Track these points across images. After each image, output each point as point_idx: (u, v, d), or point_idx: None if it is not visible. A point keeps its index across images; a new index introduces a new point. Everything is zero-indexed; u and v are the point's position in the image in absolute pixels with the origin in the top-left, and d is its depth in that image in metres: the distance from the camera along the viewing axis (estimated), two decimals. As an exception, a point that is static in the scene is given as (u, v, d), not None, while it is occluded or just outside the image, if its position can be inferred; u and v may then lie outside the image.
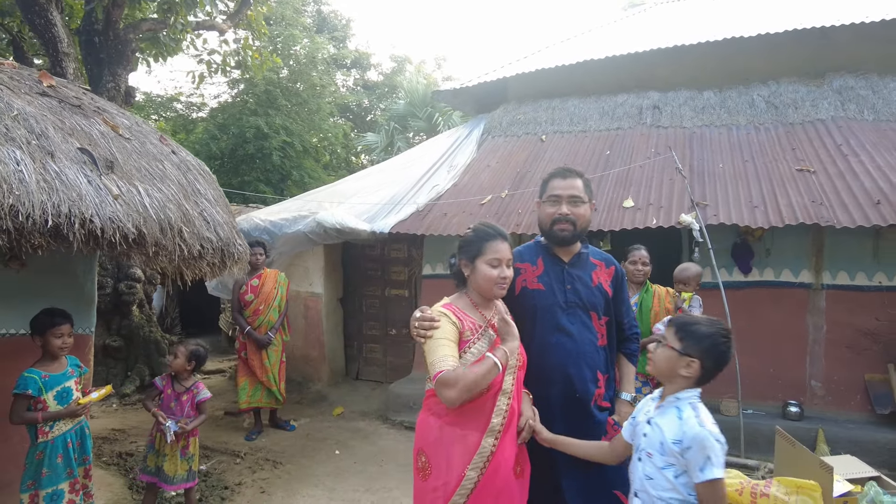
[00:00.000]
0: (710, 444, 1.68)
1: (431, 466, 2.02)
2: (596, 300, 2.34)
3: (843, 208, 4.60)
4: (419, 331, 2.04)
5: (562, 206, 2.31)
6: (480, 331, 2.09)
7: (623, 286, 2.50)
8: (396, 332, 6.97)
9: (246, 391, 5.45)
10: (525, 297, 2.35)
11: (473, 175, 6.53)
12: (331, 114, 17.87)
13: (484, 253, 2.09)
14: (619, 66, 7.33)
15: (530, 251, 2.48)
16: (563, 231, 2.31)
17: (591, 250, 2.47)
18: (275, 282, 5.55)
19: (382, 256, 7.02)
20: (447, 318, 2.03)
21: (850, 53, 6.70)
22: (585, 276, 2.37)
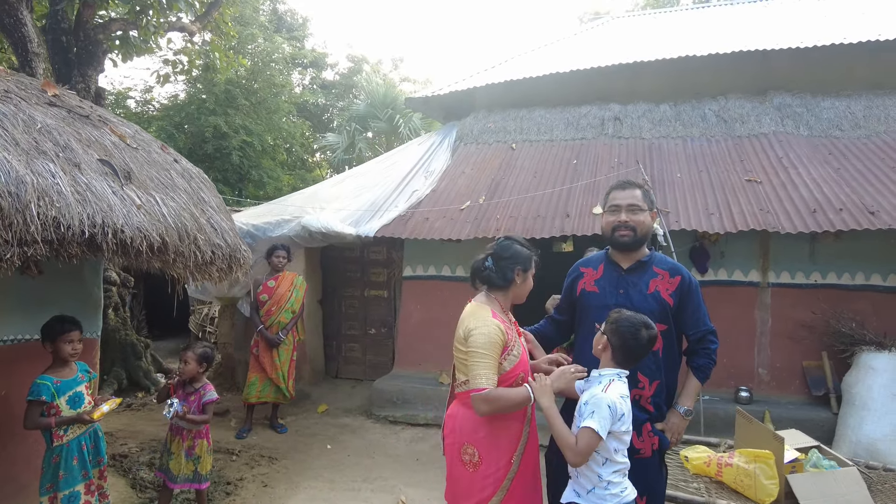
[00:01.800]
0: (601, 405, 2.04)
1: (482, 457, 2.25)
2: (649, 307, 2.42)
3: (787, 216, 5.20)
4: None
5: (621, 214, 2.51)
6: (513, 333, 2.32)
7: (691, 297, 2.51)
8: (375, 332, 7.24)
9: (255, 386, 5.62)
10: (582, 298, 2.63)
11: (450, 181, 6.87)
12: (289, 112, 17.81)
13: (534, 267, 2.39)
14: (582, 79, 7.80)
15: (596, 258, 2.71)
16: (624, 237, 2.50)
17: (656, 259, 2.58)
18: (291, 284, 5.74)
19: (362, 258, 7.27)
20: (499, 332, 2.19)
21: (788, 74, 7.39)
22: (642, 283, 2.50)
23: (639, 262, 2.55)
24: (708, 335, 2.53)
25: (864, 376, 4.89)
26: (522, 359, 2.32)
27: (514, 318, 2.47)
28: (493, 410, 2.17)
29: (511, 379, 2.24)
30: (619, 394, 2.10)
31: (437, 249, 6.35)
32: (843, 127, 6.79)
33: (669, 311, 2.47)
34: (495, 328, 2.19)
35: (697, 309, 2.54)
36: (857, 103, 6.99)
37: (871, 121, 6.80)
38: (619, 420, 2.07)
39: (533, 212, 5.89)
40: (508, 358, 2.23)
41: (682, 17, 10.31)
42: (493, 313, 2.26)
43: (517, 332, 2.41)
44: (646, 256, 2.58)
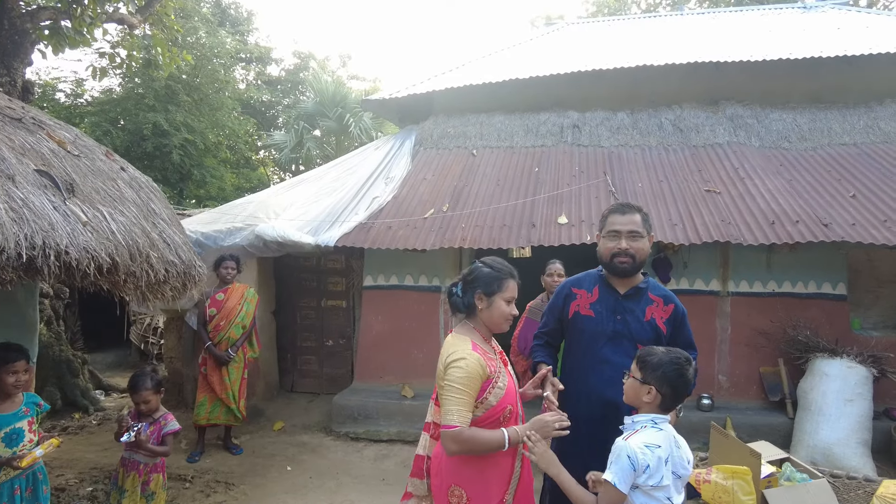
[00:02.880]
0: (622, 455, 1.90)
1: (470, 497, 2.13)
2: (645, 334, 2.45)
3: (747, 227, 5.32)
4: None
5: (621, 241, 2.47)
6: (498, 364, 2.21)
7: (683, 326, 2.55)
8: (333, 343, 6.98)
9: (205, 407, 5.28)
10: (576, 321, 2.55)
11: (412, 188, 6.69)
12: (232, 109, 17.14)
13: (503, 290, 2.20)
14: (541, 86, 7.77)
15: (589, 279, 2.65)
16: (623, 264, 2.47)
17: (651, 286, 2.57)
18: (241, 297, 5.40)
19: (319, 267, 6.99)
20: (479, 365, 2.09)
21: (738, 85, 7.61)
22: (638, 310, 2.48)
23: (636, 287, 2.54)
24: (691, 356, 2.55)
25: (818, 382, 5.05)
26: (509, 390, 2.20)
27: (499, 347, 2.37)
28: (462, 451, 2.08)
29: (498, 413, 2.13)
30: (644, 442, 1.91)
31: (398, 258, 6.17)
32: (790, 139, 7.04)
33: (663, 339, 2.47)
34: (475, 362, 2.09)
35: (688, 336, 2.60)
36: (802, 116, 7.27)
37: (816, 133, 7.08)
38: (645, 473, 1.87)
39: (499, 221, 5.80)
40: (493, 391, 2.13)
41: (635, 25, 10.49)
42: (473, 345, 2.16)
43: (503, 361, 2.31)
44: (642, 282, 2.57)
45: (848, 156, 6.58)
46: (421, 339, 6.14)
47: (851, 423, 4.82)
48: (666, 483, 1.90)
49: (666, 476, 1.90)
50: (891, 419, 5.25)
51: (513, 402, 2.20)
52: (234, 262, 5.40)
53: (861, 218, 5.26)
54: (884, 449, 5.06)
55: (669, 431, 2.00)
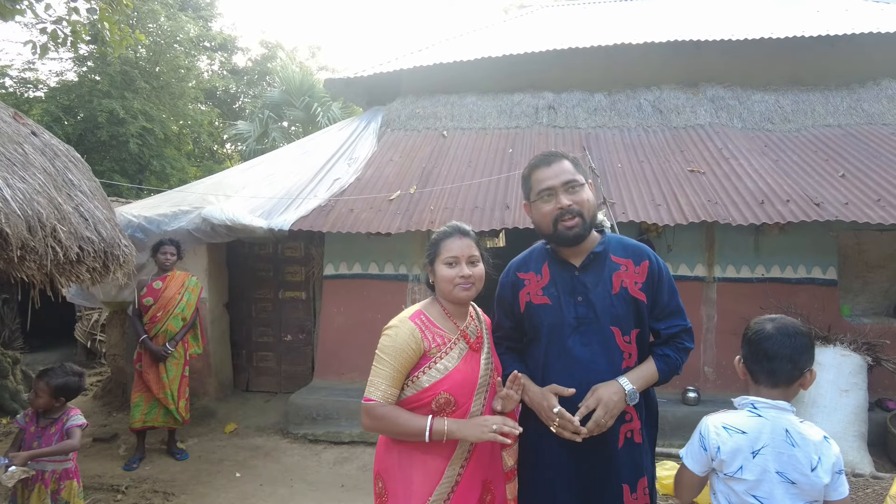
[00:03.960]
0: (695, 430, 1.74)
1: (388, 493, 1.89)
2: (619, 311, 1.88)
3: (735, 207, 4.97)
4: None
5: (559, 197, 1.88)
6: (450, 343, 1.89)
7: (663, 285, 1.93)
8: (292, 338, 6.46)
9: (140, 409, 4.71)
10: (531, 315, 1.97)
11: (377, 169, 6.22)
12: (195, 98, 16.40)
13: (440, 253, 1.94)
14: (514, 65, 7.40)
15: (535, 257, 2.06)
16: (573, 228, 1.86)
17: (611, 244, 1.97)
18: (181, 286, 4.85)
19: (275, 255, 6.47)
20: (411, 336, 1.85)
21: (718, 66, 7.34)
22: (602, 283, 1.91)
23: (593, 254, 1.93)
24: (683, 333, 1.94)
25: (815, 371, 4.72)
26: (454, 376, 1.85)
27: (477, 329, 1.99)
28: (376, 429, 1.86)
29: (428, 399, 1.83)
30: (724, 423, 1.66)
31: (362, 244, 5.69)
32: (773, 120, 6.77)
33: (644, 311, 1.89)
34: (406, 332, 1.85)
35: (672, 298, 1.94)
36: (784, 98, 7.02)
37: (799, 115, 6.83)
38: (718, 456, 1.65)
39: (470, 203, 5.36)
40: (428, 372, 1.84)
41: (612, 6, 10.15)
42: (416, 314, 1.92)
43: (471, 345, 1.93)
44: (599, 244, 1.95)
45: (833, 137, 6.33)
46: (386, 332, 5.66)
47: (847, 415, 4.49)
48: (748, 477, 1.61)
49: (749, 469, 1.61)
50: (885, 410, 4.96)
51: (456, 390, 1.84)
52: (174, 248, 4.86)
53: (853, 197, 4.97)
54: (878, 441, 4.76)
55: (778, 421, 1.64)
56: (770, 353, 1.66)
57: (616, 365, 1.87)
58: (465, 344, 1.93)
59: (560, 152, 2.00)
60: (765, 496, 1.60)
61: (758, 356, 1.68)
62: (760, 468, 1.60)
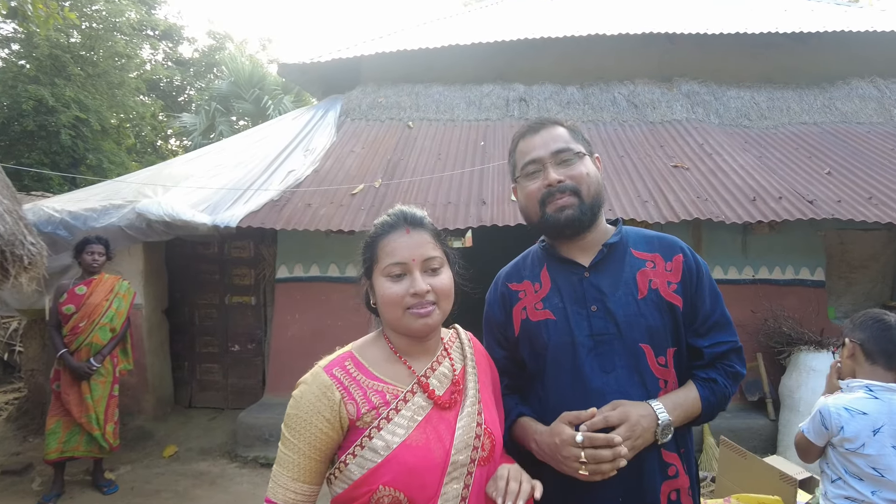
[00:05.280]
0: (815, 410, 1.97)
1: None
2: (650, 322, 1.38)
3: (726, 204, 4.66)
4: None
5: (548, 171, 1.41)
6: (396, 402, 1.21)
7: (704, 286, 1.45)
8: (240, 349, 5.81)
9: (57, 436, 3.96)
10: (530, 336, 1.45)
11: (337, 160, 5.65)
12: (137, 89, 15.32)
13: (378, 258, 1.26)
14: (483, 55, 6.99)
15: (530, 262, 1.56)
16: (565, 208, 1.40)
17: (630, 236, 1.50)
18: (110, 292, 4.15)
19: (221, 256, 5.80)
20: (320, 395, 1.19)
21: (692, 61, 7.12)
22: (625, 283, 1.42)
23: (607, 246, 1.44)
24: (733, 353, 1.44)
25: (805, 379, 4.45)
26: (403, 461, 1.16)
27: (446, 371, 1.31)
28: None
29: (363, 497, 1.16)
30: (845, 404, 1.91)
31: (320, 244, 5.12)
32: (750, 117, 6.57)
33: (680, 320, 1.40)
34: (315, 392, 1.19)
35: (716, 305, 1.45)
36: (759, 95, 6.84)
37: (775, 112, 6.66)
38: (840, 433, 1.90)
39: (443, 197, 4.87)
40: (360, 454, 1.17)
41: None
42: (341, 360, 1.26)
43: (437, 401, 1.25)
44: (615, 235, 1.47)
45: (811, 134, 6.15)
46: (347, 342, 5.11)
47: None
48: (870, 453, 1.88)
49: (871, 446, 1.87)
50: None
51: (405, 481, 1.15)
52: (102, 247, 4.17)
53: (844, 195, 4.74)
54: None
55: (892, 404, 1.89)
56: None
57: (651, 397, 1.36)
58: (425, 400, 1.23)
59: (552, 118, 1.52)
60: (884, 468, 1.86)
61: (881, 341, 1.94)
62: (880, 444, 1.86)
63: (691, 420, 1.40)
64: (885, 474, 1.85)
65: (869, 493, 1.86)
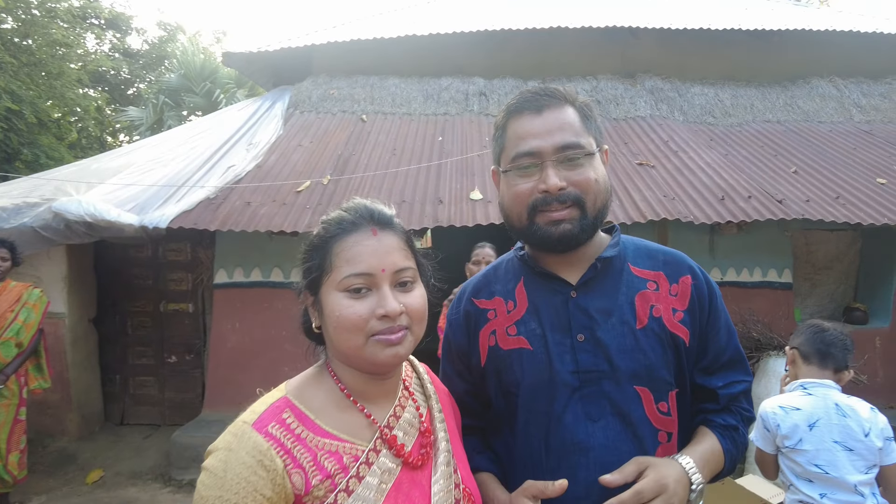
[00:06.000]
0: (757, 416, 1.98)
1: None
2: (650, 359, 1.10)
3: (694, 203, 4.45)
4: None
5: (547, 172, 1.08)
6: (356, 465, 0.91)
7: (718, 315, 1.18)
8: (177, 360, 5.34)
9: None
10: (499, 368, 1.16)
11: (282, 155, 5.23)
12: (79, 81, 14.45)
13: (333, 267, 0.94)
14: (442, 47, 6.68)
15: (505, 273, 1.25)
16: (562, 222, 1.09)
17: (629, 249, 1.21)
18: (16, 301, 3.65)
19: (156, 259, 5.32)
20: (253, 465, 0.85)
21: (656, 57, 6.95)
22: (619, 308, 1.13)
23: (600, 261, 1.14)
24: (743, 395, 1.19)
25: (776, 386, 4.26)
26: None
27: (411, 417, 1.03)
28: None
29: None
30: (780, 403, 1.97)
31: (262, 246, 4.71)
32: (714, 114, 6.44)
33: (682, 357, 1.13)
34: (244, 461, 0.85)
35: (730, 338, 1.19)
36: (723, 92, 6.72)
37: (739, 109, 6.54)
38: (780, 433, 1.93)
39: (396, 195, 4.52)
40: None
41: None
42: (274, 410, 0.92)
43: (407, 458, 0.96)
44: (611, 247, 1.17)
45: (776, 132, 6.04)
46: (294, 353, 4.71)
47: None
48: (808, 448, 1.88)
49: (808, 441, 1.88)
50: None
51: None
52: (6, 251, 3.67)
53: (812, 195, 4.59)
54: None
55: (827, 398, 1.93)
56: (828, 340, 1.99)
57: (648, 453, 1.08)
58: (392, 459, 0.95)
59: (561, 90, 1.15)
60: (826, 464, 1.85)
61: (814, 342, 2.00)
62: (818, 439, 1.87)
63: (713, 476, 1.13)
64: (830, 471, 1.84)
65: (818, 496, 1.86)
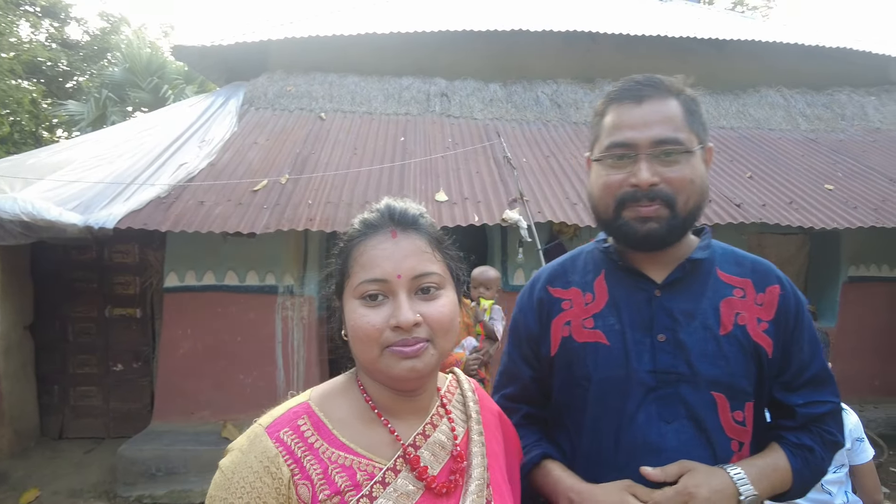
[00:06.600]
0: None
1: None
2: (732, 366, 1.07)
3: (656, 207, 4.50)
4: None
5: (639, 165, 1.06)
6: (370, 483, 0.84)
7: (803, 329, 1.14)
8: (124, 368, 5.04)
9: None
10: (569, 362, 1.15)
11: (237, 153, 5.02)
12: (11, 71, 13.62)
13: (351, 273, 0.89)
14: (403, 45, 6.57)
15: (585, 264, 1.23)
16: (649, 220, 1.07)
17: (717, 254, 1.17)
18: None
19: (100, 262, 5.01)
20: (261, 472, 0.82)
21: (614, 62, 7.01)
22: (703, 313, 1.10)
23: (689, 262, 1.12)
24: (830, 416, 1.14)
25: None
26: None
27: (444, 438, 0.94)
28: None
29: None
30: None
31: (216, 248, 4.50)
32: (671, 120, 6.55)
33: (764, 369, 1.10)
34: (252, 466, 0.83)
35: (816, 354, 1.14)
36: (679, 98, 6.85)
37: (694, 115, 6.69)
38: None
39: (359, 196, 4.39)
40: None
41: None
42: (293, 416, 0.88)
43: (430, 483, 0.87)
44: (700, 248, 1.15)
45: (730, 138, 6.22)
46: (250, 360, 4.52)
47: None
48: None
49: None
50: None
51: None
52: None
53: (767, 199, 4.73)
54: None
55: None
56: None
57: (720, 462, 1.06)
58: (413, 481, 0.87)
59: (667, 81, 1.12)
60: None
61: None
62: None
63: (776, 494, 1.10)
64: None
65: None
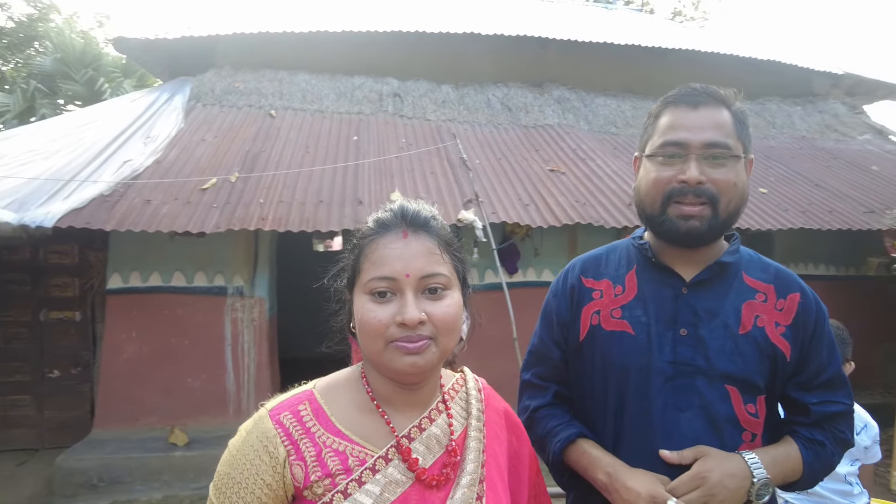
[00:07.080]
0: None
1: None
2: (746, 363, 1.15)
3: (604, 209, 4.66)
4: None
5: (690, 164, 1.15)
6: (360, 469, 0.87)
7: (822, 336, 1.22)
8: (61, 374, 4.80)
9: None
10: (597, 347, 1.23)
11: (184, 150, 4.86)
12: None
13: (362, 269, 0.92)
14: (355, 44, 6.53)
15: (619, 258, 1.31)
16: (692, 218, 1.15)
17: (744, 259, 1.26)
18: None
19: (35, 263, 4.75)
20: (259, 449, 0.87)
21: (563, 68, 7.23)
22: (725, 312, 1.19)
23: (717, 265, 1.21)
24: (841, 417, 1.22)
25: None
26: None
27: (440, 432, 0.97)
28: None
29: None
30: None
31: (162, 247, 4.36)
32: (617, 124, 6.79)
33: (779, 368, 1.18)
34: (254, 444, 0.88)
35: (833, 359, 1.23)
36: (625, 103, 7.12)
37: (639, 120, 6.93)
38: None
39: (313, 195, 4.34)
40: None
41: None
42: (295, 401, 0.93)
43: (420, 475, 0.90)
44: (729, 252, 1.23)
45: (671, 143, 6.47)
46: (198, 363, 4.40)
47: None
48: None
49: None
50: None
51: None
52: None
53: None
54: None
55: None
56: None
57: (729, 449, 1.14)
58: (402, 471, 0.90)
59: (721, 92, 1.20)
60: None
61: None
62: None
63: (788, 482, 1.20)
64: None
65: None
